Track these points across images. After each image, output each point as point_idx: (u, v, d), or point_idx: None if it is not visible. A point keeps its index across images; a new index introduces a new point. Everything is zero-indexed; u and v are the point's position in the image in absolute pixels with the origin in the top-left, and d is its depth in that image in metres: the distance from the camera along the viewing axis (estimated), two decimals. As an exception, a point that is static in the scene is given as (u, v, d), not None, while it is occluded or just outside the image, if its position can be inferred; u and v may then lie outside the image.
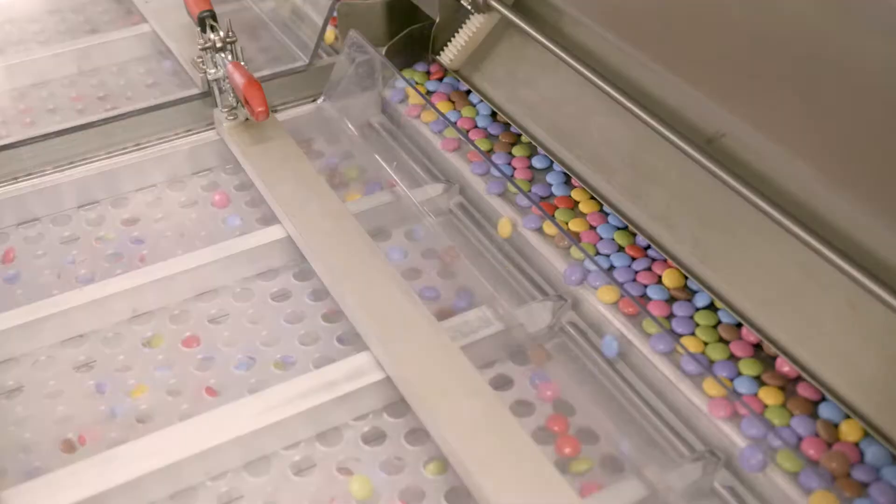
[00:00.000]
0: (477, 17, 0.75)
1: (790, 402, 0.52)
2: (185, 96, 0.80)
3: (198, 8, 0.76)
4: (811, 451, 0.50)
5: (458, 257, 0.58)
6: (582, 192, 0.67)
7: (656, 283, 0.60)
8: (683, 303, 0.58)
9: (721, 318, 0.57)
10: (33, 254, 0.69)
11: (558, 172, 0.69)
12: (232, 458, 0.54)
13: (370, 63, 0.78)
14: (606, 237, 0.64)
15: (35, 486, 0.51)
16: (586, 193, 0.67)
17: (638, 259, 0.62)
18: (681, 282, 0.60)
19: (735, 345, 0.56)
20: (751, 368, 0.54)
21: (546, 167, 0.70)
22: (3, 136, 0.79)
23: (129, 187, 0.75)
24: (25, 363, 0.61)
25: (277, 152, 0.72)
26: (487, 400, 0.53)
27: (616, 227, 0.64)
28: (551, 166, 0.70)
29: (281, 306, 0.65)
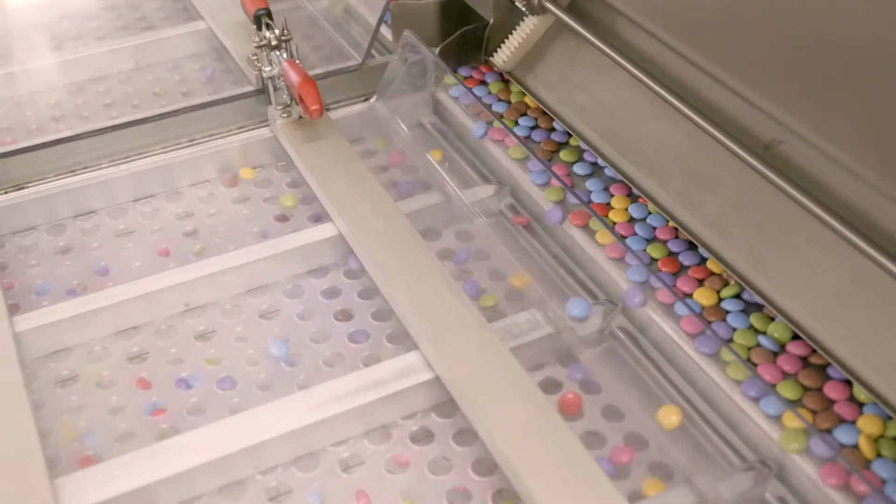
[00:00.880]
0: (531, 19, 0.75)
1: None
2: (239, 93, 0.81)
3: (254, 6, 0.77)
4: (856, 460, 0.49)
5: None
6: (621, 199, 0.66)
7: (689, 297, 0.60)
8: (720, 323, 0.58)
9: (760, 342, 0.56)
10: (89, 246, 0.70)
11: (598, 180, 0.69)
12: (281, 453, 0.55)
13: (423, 63, 0.79)
14: (637, 248, 0.63)
15: (88, 474, 0.52)
16: (625, 202, 0.66)
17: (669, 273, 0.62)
18: (713, 300, 0.59)
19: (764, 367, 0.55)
20: (789, 391, 0.53)
21: (587, 174, 0.70)
22: (62, 130, 0.81)
23: (183, 182, 0.76)
24: (80, 353, 0.62)
25: (330, 150, 0.72)
26: (537, 403, 0.53)
27: (646, 240, 0.64)
28: (592, 174, 0.69)
29: (331, 303, 0.65)
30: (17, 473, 0.50)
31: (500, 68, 0.78)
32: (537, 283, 0.63)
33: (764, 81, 0.54)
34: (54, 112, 0.84)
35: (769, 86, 0.54)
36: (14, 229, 0.71)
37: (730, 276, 0.60)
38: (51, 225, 0.72)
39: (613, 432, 0.55)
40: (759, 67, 0.55)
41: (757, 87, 0.55)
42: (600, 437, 0.55)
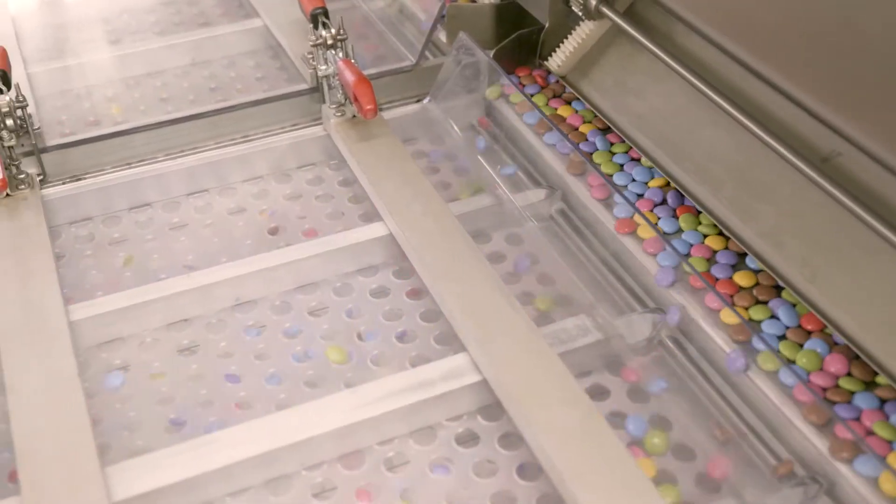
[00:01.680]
0: (587, 24, 0.75)
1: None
2: (293, 91, 0.82)
3: (311, 5, 0.78)
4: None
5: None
6: (651, 216, 0.66)
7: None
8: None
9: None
10: (143, 238, 0.71)
11: (631, 193, 0.68)
12: (327, 450, 0.55)
13: (476, 65, 0.79)
14: (665, 264, 0.62)
15: (137, 463, 0.53)
16: (654, 217, 0.66)
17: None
18: (734, 320, 0.58)
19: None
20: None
21: (623, 185, 0.69)
22: (119, 123, 0.82)
23: (236, 178, 0.77)
24: (132, 344, 0.63)
25: (383, 150, 0.72)
26: (584, 409, 0.52)
27: (676, 256, 0.63)
28: (626, 186, 0.69)
29: (379, 303, 0.65)
30: (69, 460, 0.51)
31: (555, 73, 0.78)
32: (587, 288, 0.63)
33: (826, 91, 0.54)
34: (112, 105, 0.86)
35: (832, 96, 0.53)
36: (71, 219, 0.72)
37: (759, 294, 0.59)
38: (106, 216, 0.73)
39: (661, 443, 0.55)
40: (822, 77, 0.54)
41: (819, 97, 0.54)
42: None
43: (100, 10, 0.99)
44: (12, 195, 0.69)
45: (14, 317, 0.59)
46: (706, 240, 0.64)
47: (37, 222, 0.67)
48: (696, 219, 0.65)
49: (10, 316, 0.59)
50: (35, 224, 0.67)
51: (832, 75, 0.54)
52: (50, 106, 0.85)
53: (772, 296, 0.59)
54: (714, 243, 0.63)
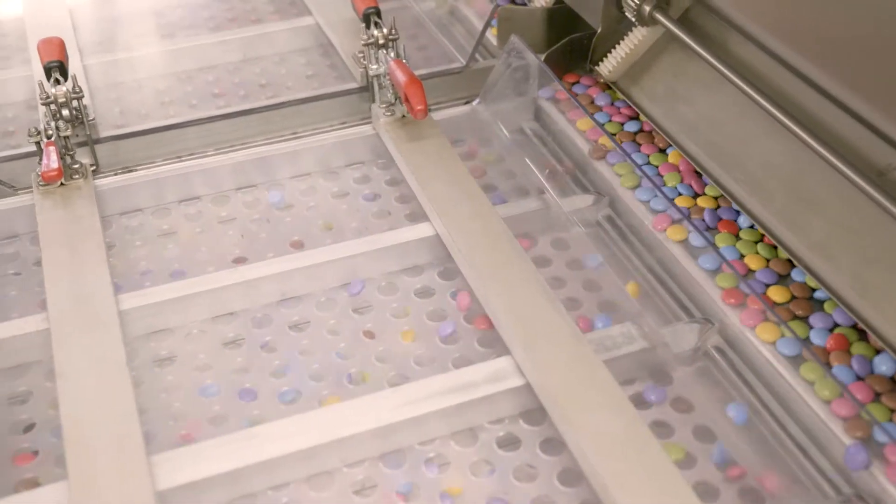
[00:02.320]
0: (640, 30, 0.75)
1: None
2: (343, 89, 0.82)
3: (364, 4, 0.78)
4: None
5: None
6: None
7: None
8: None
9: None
10: (192, 231, 0.72)
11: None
12: (369, 448, 0.55)
13: (526, 68, 0.79)
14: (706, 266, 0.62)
15: (181, 454, 0.54)
16: (683, 233, 0.65)
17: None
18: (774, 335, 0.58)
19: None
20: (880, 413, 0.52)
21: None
22: (171, 116, 0.83)
23: (285, 174, 0.77)
24: (179, 335, 0.64)
25: (432, 151, 0.73)
26: (629, 417, 0.52)
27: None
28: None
29: (423, 303, 0.66)
30: (116, 448, 0.52)
31: (606, 78, 0.78)
32: (633, 296, 0.62)
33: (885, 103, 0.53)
34: (164, 98, 0.87)
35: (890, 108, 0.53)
36: (122, 210, 0.73)
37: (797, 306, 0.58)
38: (156, 208, 0.74)
39: (704, 453, 0.54)
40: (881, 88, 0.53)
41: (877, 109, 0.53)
42: (691, 456, 0.54)
43: (154, 4, 1.01)
44: (66, 185, 0.70)
45: (66, 304, 0.60)
46: (745, 258, 0.63)
47: (89, 212, 0.68)
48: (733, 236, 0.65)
49: (62, 303, 0.60)
50: (88, 214, 0.67)
51: (892, 87, 0.53)
52: (103, 98, 0.86)
53: (809, 311, 0.59)
54: (752, 262, 0.62)
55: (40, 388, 0.60)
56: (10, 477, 0.55)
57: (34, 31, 0.90)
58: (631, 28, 0.75)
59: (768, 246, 0.63)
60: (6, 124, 0.84)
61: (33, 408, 0.59)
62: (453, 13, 0.93)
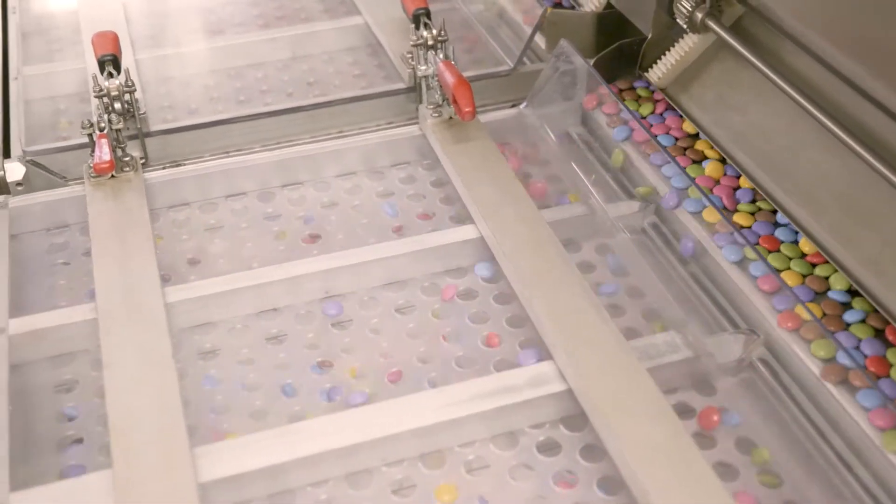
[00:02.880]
0: (691, 37, 0.74)
1: None
2: (390, 89, 0.82)
3: (414, 5, 0.78)
4: None
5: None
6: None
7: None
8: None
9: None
10: (238, 226, 0.73)
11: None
12: (408, 448, 0.55)
13: (574, 73, 0.78)
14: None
15: (223, 447, 0.54)
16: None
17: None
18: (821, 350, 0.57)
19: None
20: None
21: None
22: (219, 112, 0.84)
23: (330, 172, 0.77)
24: (222, 329, 0.64)
25: (478, 153, 0.73)
26: (671, 426, 0.52)
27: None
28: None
29: (466, 305, 0.65)
30: (160, 439, 0.52)
31: (655, 85, 0.77)
32: (677, 304, 0.62)
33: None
34: (213, 94, 0.88)
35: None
36: (170, 203, 0.74)
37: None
38: (203, 202, 0.75)
39: (747, 466, 0.54)
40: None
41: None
42: (732, 469, 0.54)
43: (205, 0, 1.01)
44: (117, 177, 0.71)
45: (114, 295, 0.61)
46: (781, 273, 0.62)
47: (139, 204, 0.68)
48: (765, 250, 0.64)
49: (111, 294, 0.61)
50: (137, 206, 0.68)
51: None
52: (153, 92, 0.87)
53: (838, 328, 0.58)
54: (789, 278, 0.62)
55: (86, 377, 0.61)
56: (55, 463, 0.56)
57: (88, 25, 0.91)
58: (682, 35, 0.75)
59: (806, 263, 0.63)
60: (58, 116, 0.85)
61: (79, 396, 0.60)
62: (502, 16, 0.93)
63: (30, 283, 0.67)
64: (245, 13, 0.99)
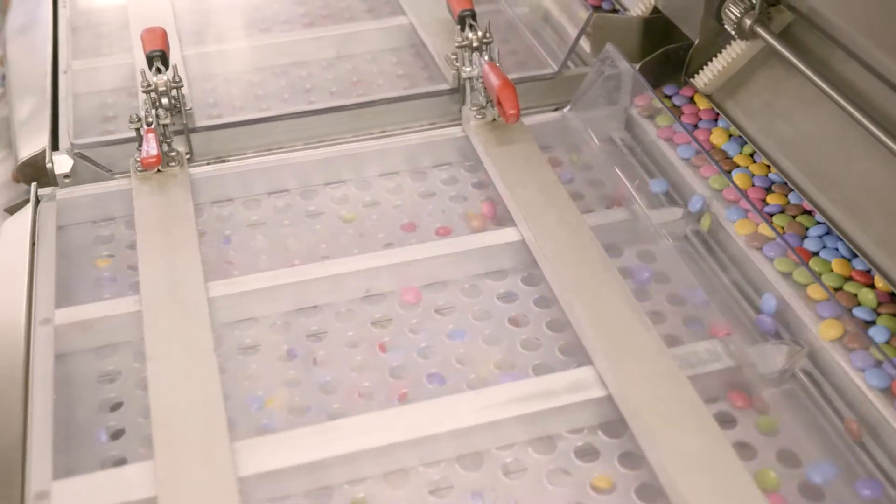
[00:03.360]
0: (739, 44, 0.74)
1: None
2: (433, 90, 0.82)
3: (459, 6, 0.78)
4: None
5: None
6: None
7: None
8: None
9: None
10: (280, 223, 0.73)
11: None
12: (446, 449, 0.55)
13: (619, 77, 0.78)
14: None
15: (263, 442, 0.54)
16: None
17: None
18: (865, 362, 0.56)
19: None
20: None
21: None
22: (263, 109, 0.85)
23: (372, 171, 0.78)
24: (263, 325, 0.65)
25: (521, 156, 0.72)
26: (713, 436, 0.51)
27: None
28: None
29: (506, 308, 0.65)
30: (201, 432, 0.53)
31: (701, 91, 0.77)
32: (721, 314, 0.61)
33: None
34: (257, 91, 0.88)
35: None
36: (213, 199, 0.75)
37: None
38: (247, 199, 0.75)
39: (788, 478, 0.53)
40: None
41: None
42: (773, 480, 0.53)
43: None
44: (163, 171, 0.72)
45: (158, 288, 0.62)
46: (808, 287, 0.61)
47: (184, 199, 0.69)
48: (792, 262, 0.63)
49: (155, 287, 0.62)
50: (182, 201, 0.69)
51: None
52: (199, 88, 0.88)
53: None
54: (814, 293, 0.61)
55: (129, 368, 0.61)
56: (97, 454, 0.57)
57: (137, 20, 0.92)
58: (729, 41, 0.74)
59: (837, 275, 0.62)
60: (105, 110, 0.86)
61: (121, 387, 0.61)
62: (546, 19, 0.93)
63: (75, 274, 0.68)
64: (290, 11, 0.99)
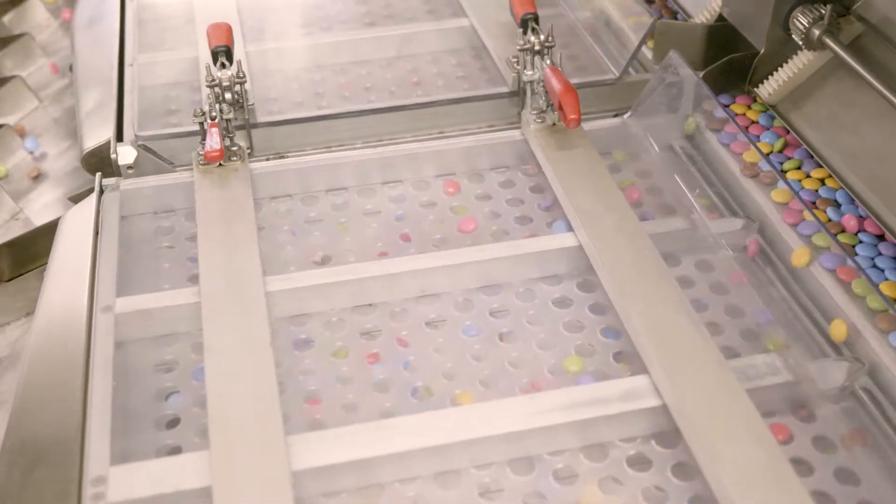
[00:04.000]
0: (806, 54, 0.73)
1: None
2: (493, 93, 0.82)
3: (522, 9, 0.78)
4: None
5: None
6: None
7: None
8: None
9: None
10: (337, 220, 0.73)
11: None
12: (498, 452, 0.55)
13: (681, 84, 0.77)
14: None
15: (316, 437, 0.55)
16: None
17: None
18: None
19: None
20: None
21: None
22: (323, 107, 0.85)
23: (430, 172, 0.78)
24: (318, 321, 0.65)
25: (580, 161, 0.72)
26: (770, 450, 0.51)
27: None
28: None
29: (561, 313, 0.65)
30: (257, 424, 0.53)
31: (765, 101, 0.76)
32: (780, 327, 0.61)
33: None
34: (318, 89, 0.89)
35: None
36: (272, 194, 0.75)
37: None
38: (305, 195, 0.76)
39: (846, 498, 0.52)
40: None
41: None
42: (830, 499, 0.52)
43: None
44: (224, 165, 0.72)
45: (217, 281, 0.62)
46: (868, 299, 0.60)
47: (244, 194, 0.70)
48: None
49: (215, 279, 0.62)
50: (243, 196, 0.70)
51: None
52: (260, 84, 0.88)
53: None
54: (874, 304, 0.60)
55: (186, 358, 0.62)
56: (152, 441, 0.57)
57: (202, 15, 0.94)
58: (796, 51, 0.73)
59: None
60: (168, 103, 0.87)
61: (178, 377, 0.61)
62: (609, 24, 0.92)
63: (136, 263, 0.69)
64: (352, 11, 1.00)
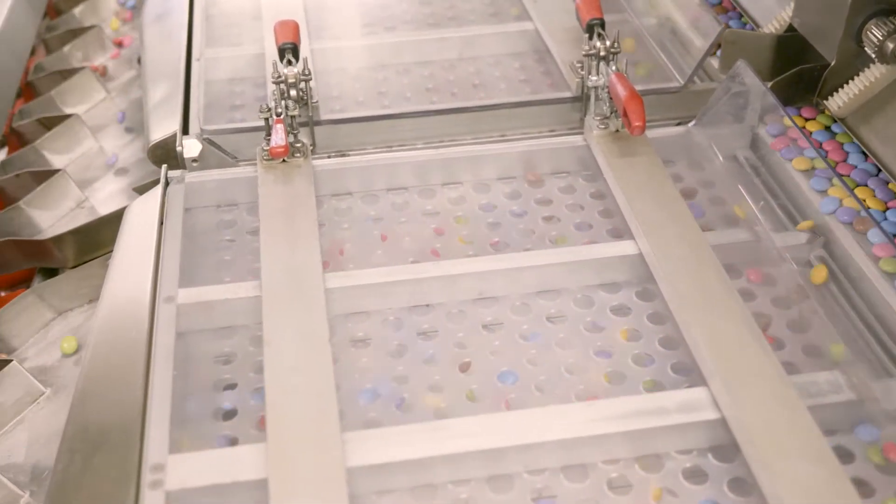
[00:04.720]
0: (878, 67, 0.71)
1: None
2: (555, 97, 0.82)
3: (588, 15, 0.78)
4: None
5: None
6: None
7: None
8: None
9: None
10: (397, 220, 0.74)
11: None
12: (552, 458, 0.55)
13: (747, 95, 0.76)
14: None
15: (371, 435, 0.55)
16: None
17: None
18: None
19: None
20: None
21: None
22: (386, 107, 0.86)
23: (490, 175, 0.78)
24: (376, 319, 0.65)
25: (643, 168, 0.72)
26: (831, 469, 0.50)
27: None
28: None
29: (619, 321, 0.65)
30: (313, 419, 0.54)
31: (834, 114, 0.74)
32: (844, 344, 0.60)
33: None
34: (380, 88, 0.89)
35: None
36: (333, 192, 0.76)
37: None
38: (365, 194, 0.76)
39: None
40: None
41: None
42: (891, 522, 0.52)
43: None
44: (288, 161, 0.73)
45: (278, 275, 0.63)
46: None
47: (307, 190, 0.70)
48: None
49: (276, 273, 0.63)
50: (305, 192, 0.70)
51: None
52: (324, 82, 0.89)
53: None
54: None
55: (244, 351, 0.63)
56: (210, 432, 0.58)
57: (269, 12, 0.95)
58: (868, 64, 0.72)
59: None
60: (233, 98, 0.88)
61: (236, 369, 0.62)
62: (675, 31, 0.91)
63: (198, 255, 0.70)
64: (416, 11, 1.00)
